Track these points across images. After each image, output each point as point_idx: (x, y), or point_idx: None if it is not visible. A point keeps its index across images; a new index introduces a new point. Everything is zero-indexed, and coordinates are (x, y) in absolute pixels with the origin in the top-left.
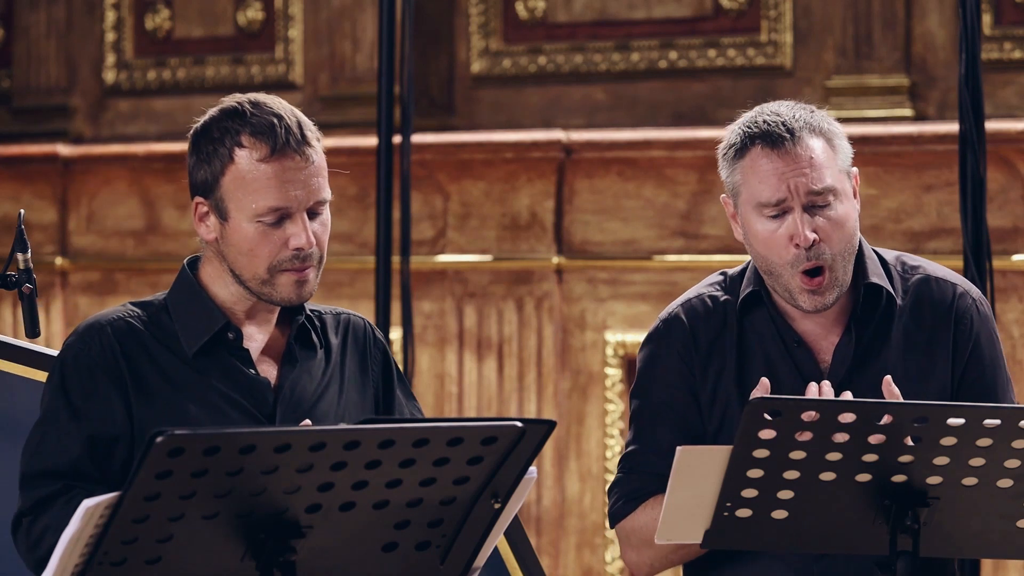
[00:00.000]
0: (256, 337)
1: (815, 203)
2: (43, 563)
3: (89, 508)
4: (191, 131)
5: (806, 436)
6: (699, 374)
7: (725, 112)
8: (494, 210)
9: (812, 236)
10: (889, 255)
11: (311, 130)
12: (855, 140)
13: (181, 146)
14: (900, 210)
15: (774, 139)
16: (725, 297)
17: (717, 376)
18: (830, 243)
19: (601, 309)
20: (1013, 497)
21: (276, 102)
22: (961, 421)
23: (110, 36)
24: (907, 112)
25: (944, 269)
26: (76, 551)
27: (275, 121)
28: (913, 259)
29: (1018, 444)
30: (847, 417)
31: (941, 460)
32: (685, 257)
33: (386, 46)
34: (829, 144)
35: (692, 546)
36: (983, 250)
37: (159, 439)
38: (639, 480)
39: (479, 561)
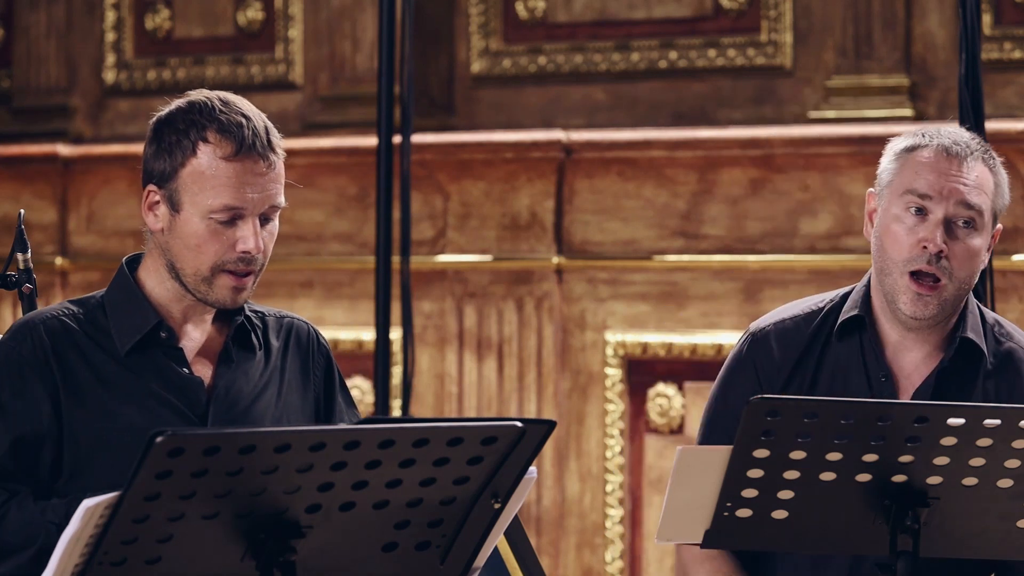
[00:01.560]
0: (192, 336)
1: (958, 217)
2: None
3: (89, 508)
4: (153, 119)
5: (806, 436)
6: (777, 390)
7: (725, 112)
8: (494, 210)
9: (943, 247)
10: (989, 316)
11: (276, 136)
12: (855, 140)
13: None
14: None
15: (950, 147)
16: (822, 317)
17: (796, 392)
18: (955, 266)
19: (601, 309)
20: (1013, 497)
21: (245, 103)
22: (961, 421)
23: (110, 36)
24: (907, 112)
25: None
26: (76, 551)
27: (243, 121)
28: (1010, 326)
29: (1018, 444)
30: (847, 418)
31: (941, 460)
32: (685, 257)
33: (386, 46)
34: (996, 181)
35: None
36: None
37: (159, 439)
38: None
39: (479, 561)
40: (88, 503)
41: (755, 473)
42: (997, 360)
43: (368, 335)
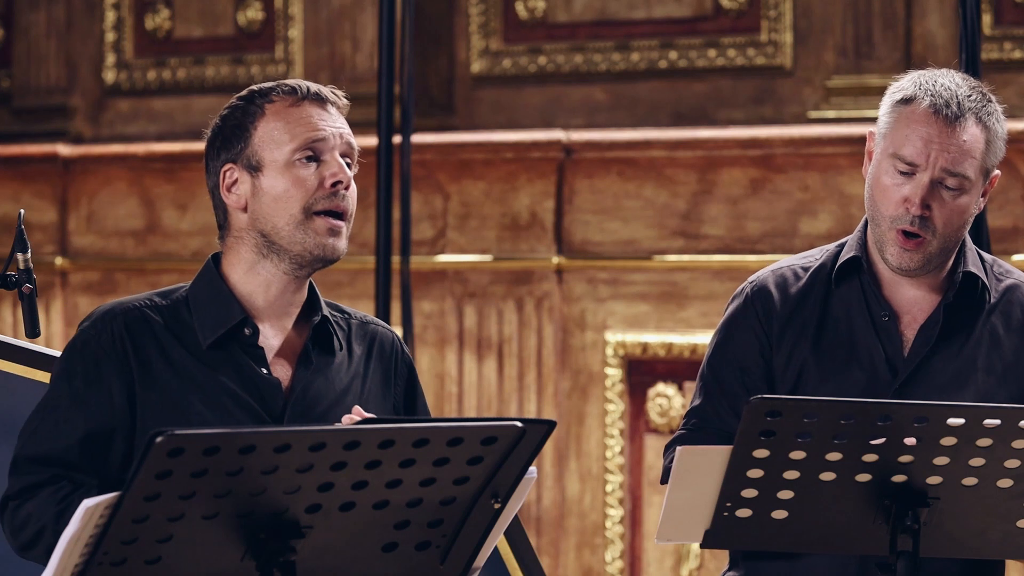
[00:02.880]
0: (273, 336)
1: (944, 182)
2: (25, 549)
3: (89, 508)
4: (214, 120)
5: (806, 436)
6: (775, 341)
7: (725, 112)
8: (494, 210)
9: (925, 211)
10: (987, 256)
11: (337, 94)
12: (855, 140)
13: (181, 146)
14: None
15: (941, 108)
16: (819, 265)
17: (794, 342)
18: (940, 226)
19: (601, 309)
20: (1013, 497)
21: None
22: (961, 421)
23: (110, 36)
24: None
25: None
26: (76, 551)
27: (302, 80)
28: (1006, 264)
29: (1018, 444)
30: (847, 418)
31: (941, 460)
32: (685, 257)
33: (386, 46)
34: (988, 139)
35: None
36: (983, 250)
37: (159, 439)
38: (701, 437)
39: (479, 561)
40: (88, 503)
41: (755, 473)
42: (1000, 296)
43: None
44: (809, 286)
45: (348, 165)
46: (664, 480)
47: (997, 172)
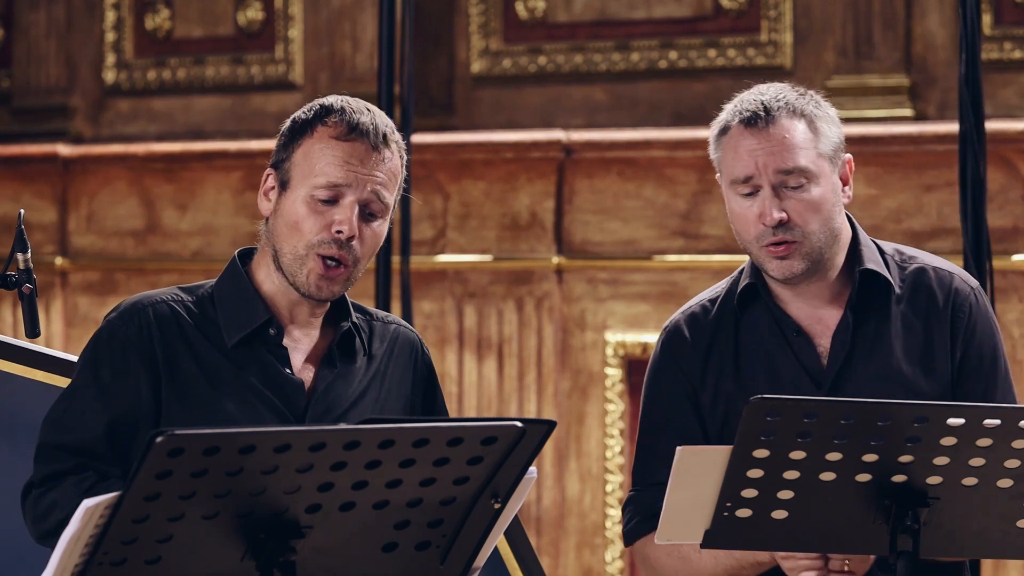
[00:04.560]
0: (299, 337)
1: (786, 183)
2: (46, 537)
3: (89, 508)
4: (288, 120)
5: (806, 436)
6: (699, 380)
7: None
8: (494, 210)
9: (779, 216)
10: (887, 246)
11: (396, 136)
12: (855, 140)
13: (181, 146)
14: (900, 210)
15: (750, 119)
16: (725, 296)
17: (717, 377)
18: (801, 223)
19: (601, 309)
20: (1013, 497)
21: (375, 108)
22: (961, 421)
23: (110, 36)
24: (907, 112)
25: (941, 260)
26: (76, 551)
27: (364, 111)
28: (911, 250)
29: (1018, 444)
30: (847, 418)
31: (941, 460)
32: (685, 257)
33: (386, 46)
34: (810, 127)
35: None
36: (983, 250)
37: (159, 439)
38: (652, 496)
39: (479, 561)
40: (88, 503)
41: (755, 473)
42: (906, 284)
43: None
44: (718, 319)
45: (372, 215)
46: (627, 543)
47: (848, 156)
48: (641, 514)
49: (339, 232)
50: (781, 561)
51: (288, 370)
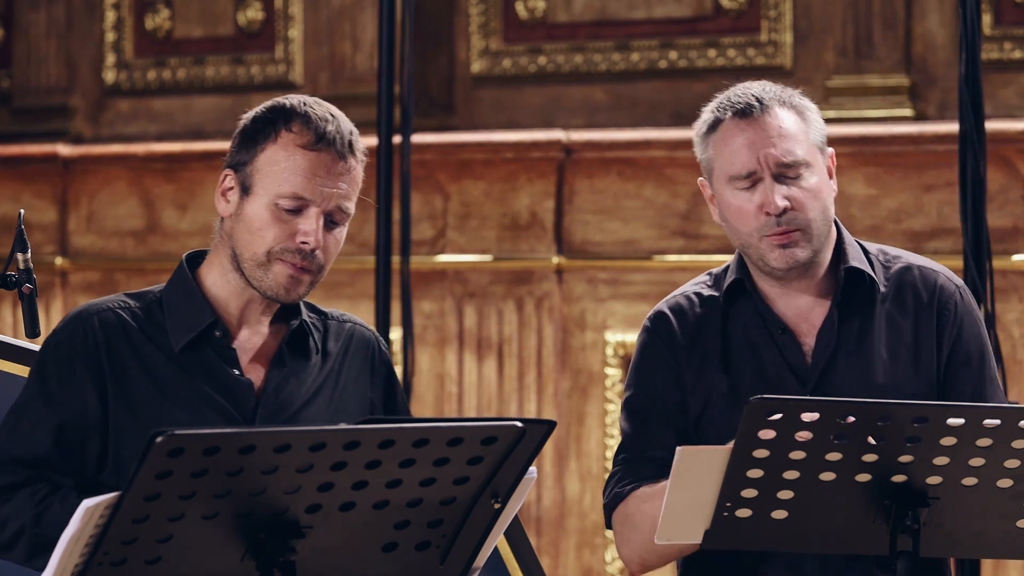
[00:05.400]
0: (247, 337)
1: (786, 174)
2: (3, 549)
3: (89, 508)
4: (243, 117)
5: (806, 436)
6: (684, 363)
7: None
8: (494, 210)
9: (784, 204)
10: (871, 246)
11: (359, 143)
12: (855, 140)
13: (181, 146)
14: (900, 210)
15: (744, 110)
16: (710, 292)
17: (701, 363)
18: (803, 210)
19: (601, 309)
20: (1013, 497)
21: (335, 108)
22: (961, 421)
23: (110, 36)
24: (907, 112)
25: (926, 259)
26: (76, 551)
27: (329, 118)
28: (894, 250)
29: (1018, 444)
30: (847, 417)
31: (941, 460)
32: (685, 257)
33: (386, 46)
34: (801, 117)
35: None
36: (983, 250)
37: (159, 439)
38: (632, 469)
39: (479, 561)
40: (88, 503)
41: (755, 473)
42: (891, 283)
43: None
44: (705, 313)
45: (335, 223)
46: (609, 511)
47: (831, 150)
48: (620, 485)
49: (304, 243)
50: None
51: (236, 371)
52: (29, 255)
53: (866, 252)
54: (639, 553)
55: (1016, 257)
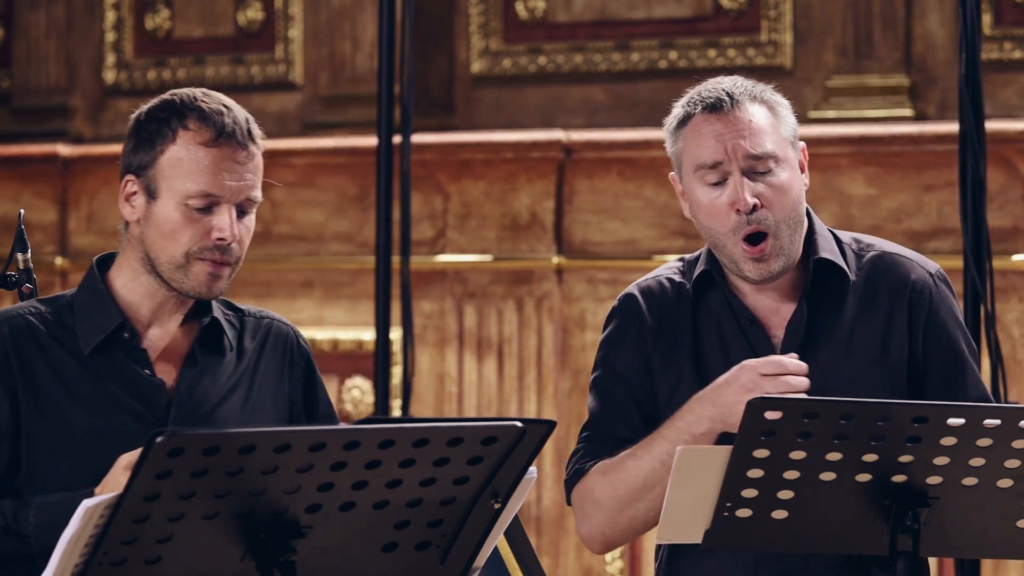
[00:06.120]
0: (158, 338)
1: (755, 168)
2: None
3: (89, 508)
4: (133, 115)
5: (806, 436)
6: (652, 347)
7: None
8: (494, 210)
9: (752, 200)
10: (844, 235)
11: (256, 129)
12: (855, 140)
13: None
14: (900, 210)
15: (714, 104)
16: (680, 280)
17: (669, 349)
18: (772, 209)
19: (601, 309)
20: (1013, 497)
21: (225, 97)
22: (961, 421)
23: (110, 36)
24: (907, 112)
25: (901, 247)
26: (76, 551)
27: (223, 110)
28: (868, 238)
29: (1018, 444)
30: (847, 418)
31: (941, 460)
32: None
33: (386, 46)
34: (772, 112)
35: (638, 506)
36: (983, 250)
37: (159, 439)
38: (595, 446)
39: (479, 561)
40: (88, 503)
41: (755, 473)
42: (863, 272)
43: (368, 335)
44: (675, 299)
45: (244, 212)
46: (570, 486)
47: (803, 144)
48: (581, 462)
49: (221, 239)
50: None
51: (147, 371)
52: (29, 255)
53: (839, 241)
54: (600, 529)
55: (1016, 257)
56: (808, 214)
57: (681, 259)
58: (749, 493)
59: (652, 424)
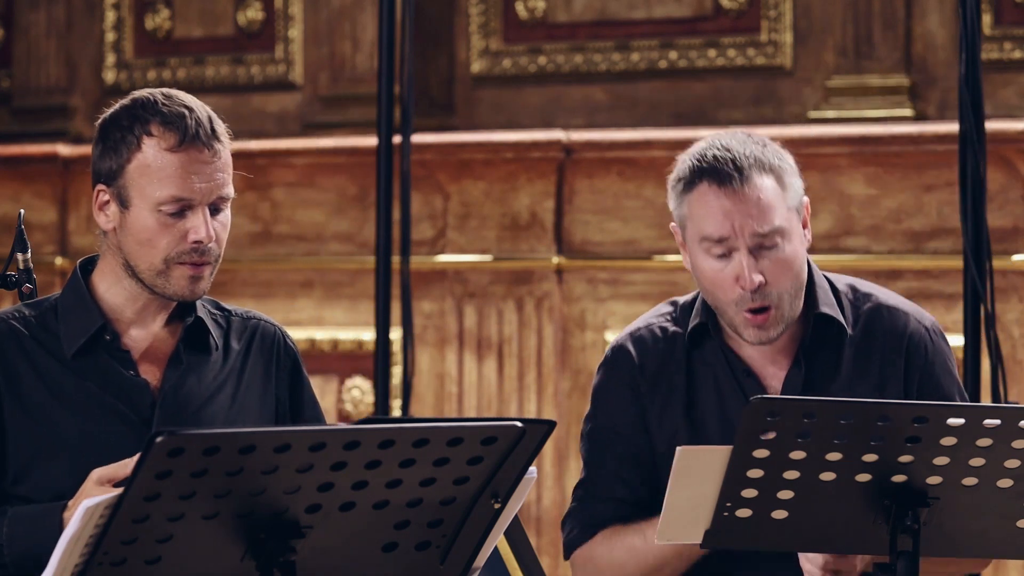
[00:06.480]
0: (142, 339)
1: (761, 244)
2: None
3: (89, 508)
4: (98, 120)
5: (806, 436)
6: (647, 400)
7: (725, 112)
8: (494, 210)
9: (758, 279)
10: (840, 283)
11: (221, 126)
12: (855, 140)
13: None
14: (900, 210)
15: (722, 177)
16: (674, 329)
17: (664, 403)
18: (776, 284)
19: (601, 309)
20: (1013, 497)
21: (187, 96)
22: (961, 421)
23: (110, 36)
24: (907, 112)
25: (898, 298)
26: (76, 551)
27: (185, 112)
28: (865, 286)
29: (1018, 444)
30: (847, 418)
31: (941, 460)
32: None
33: (386, 46)
34: (779, 182)
35: (643, 568)
36: (983, 250)
37: (159, 439)
38: (593, 507)
39: (479, 561)
40: (88, 503)
41: (755, 473)
42: (860, 324)
43: (368, 335)
44: (668, 349)
45: (219, 210)
46: (567, 554)
47: (805, 199)
48: (581, 525)
49: (198, 242)
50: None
51: (131, 372)
52: (29, 255)
53: (835, 291)
54: None
55: (1016, 257)
56: (808, 265)
57: (673, 303)
58: (749, 493)
59: (648, 479)
